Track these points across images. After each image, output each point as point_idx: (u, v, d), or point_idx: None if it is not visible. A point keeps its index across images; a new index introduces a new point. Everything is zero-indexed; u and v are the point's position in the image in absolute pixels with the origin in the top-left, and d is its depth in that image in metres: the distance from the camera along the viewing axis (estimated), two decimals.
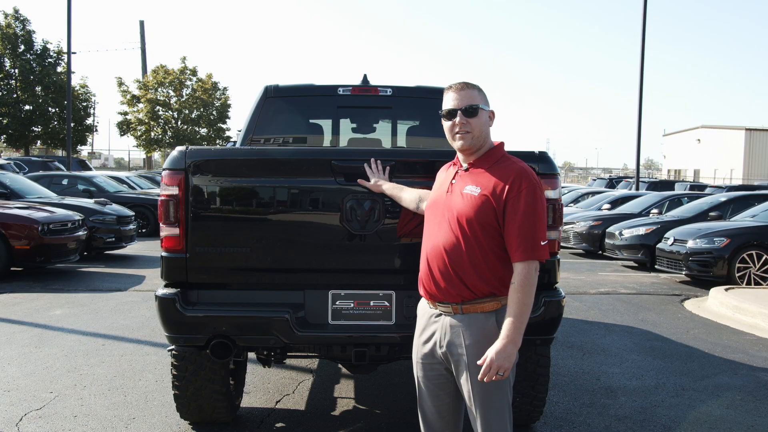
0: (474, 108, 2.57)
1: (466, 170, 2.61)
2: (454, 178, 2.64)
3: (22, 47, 33.89)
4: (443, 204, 2.61)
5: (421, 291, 2.69)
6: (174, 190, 3.28)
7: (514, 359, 2.40)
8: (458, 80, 2.66)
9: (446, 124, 2.63)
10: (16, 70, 33.74)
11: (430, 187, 2.95)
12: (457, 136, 2.59)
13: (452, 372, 2.61)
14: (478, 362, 2.43)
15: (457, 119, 2.58)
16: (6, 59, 33.66)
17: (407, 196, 3.12)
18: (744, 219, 11.08)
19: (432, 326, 2.64)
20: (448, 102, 2.62)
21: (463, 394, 2.60)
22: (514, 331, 2.39)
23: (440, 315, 2.60)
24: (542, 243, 2.43)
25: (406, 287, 3.36)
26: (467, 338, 2.52)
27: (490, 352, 2.39)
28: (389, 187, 3.21)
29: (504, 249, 2.49)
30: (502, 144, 2.65)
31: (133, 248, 12.68)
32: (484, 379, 2.41)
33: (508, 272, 2.48)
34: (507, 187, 2.46)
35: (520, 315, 2.40)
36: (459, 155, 2.68)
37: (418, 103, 5.02)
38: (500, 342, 2.40)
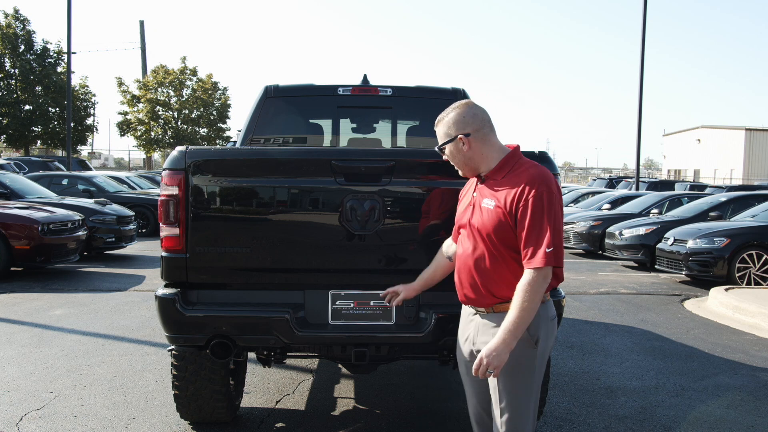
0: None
1: (483, 182, 2.64)
2: (475, 191, 2.67)
3: (22, 47, 33.86)
4: (468, 217, 2.66)
5: (458, 295, 2.73)
6: (174, 190, 3.28)
7: (504, 359, 2.42)
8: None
9: None
10: (16, 70, 33.71)
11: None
12: None
13: None
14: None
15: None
16: (6, 59, 33.65)
17: (440, 263, 3.00)
18: (744, 219, 11.08)
19: (469, 325, 2.70)
20: None
21: (490, 389, 2.63)
22: (508, 334, 2.42)
23: (476, 314, 2.66)
24: (547, 250, 2.43)
25: None
26: (494, 335, 2.54)
27: (484, 350, 2.43)
28: (420, 281, 3.06)
29: None
30: (515, 150, 2.64)
31: (133, 248, 12.68)
32: (478, 374, 2.44)
33: None
34: (516, 198, 2.48)
35: (517, 318, 2.42)
36: None
37: (418, 103, 5.01)
38: (493, 342, 2.43)
